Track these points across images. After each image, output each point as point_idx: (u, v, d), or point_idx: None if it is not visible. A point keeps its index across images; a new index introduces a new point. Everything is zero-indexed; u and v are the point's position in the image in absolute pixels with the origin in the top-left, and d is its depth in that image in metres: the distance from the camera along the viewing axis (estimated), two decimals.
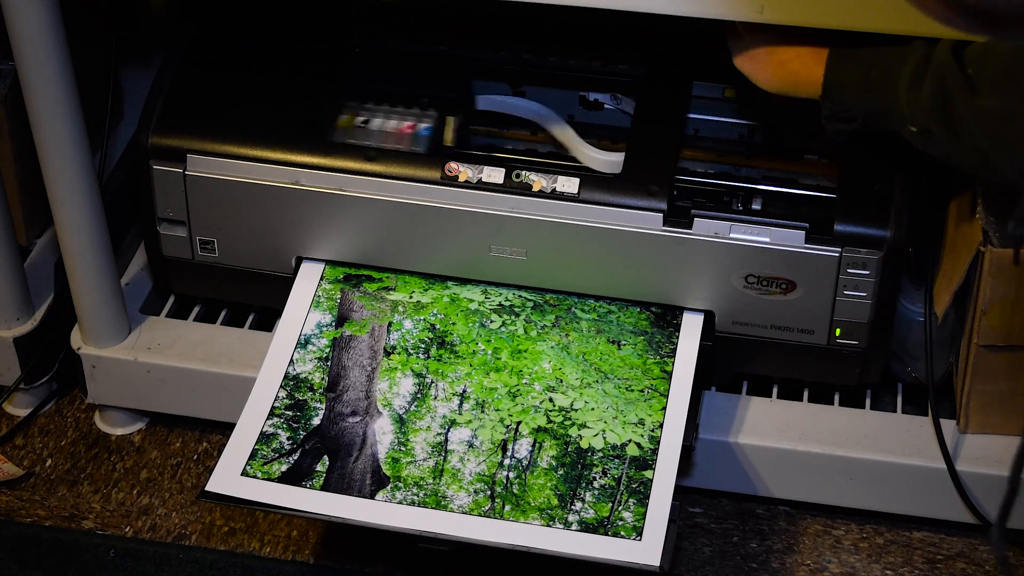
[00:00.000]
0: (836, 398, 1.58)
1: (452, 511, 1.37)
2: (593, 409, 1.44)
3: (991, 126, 1.18)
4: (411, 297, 1.54)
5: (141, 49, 1.92)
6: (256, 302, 1.66)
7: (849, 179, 1.46)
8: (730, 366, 1.56)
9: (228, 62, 1.58)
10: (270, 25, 1.62)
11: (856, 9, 1.27)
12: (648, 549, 1.33)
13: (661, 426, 1.43)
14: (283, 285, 1.57)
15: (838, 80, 1.28)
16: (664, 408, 1.44)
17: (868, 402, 1.58)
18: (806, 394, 1.59)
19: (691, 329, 1.51)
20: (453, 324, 1.51)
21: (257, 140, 1.52)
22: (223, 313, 1.69)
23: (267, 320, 1.68)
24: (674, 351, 1.48)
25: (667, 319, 1.51)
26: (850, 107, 1.28)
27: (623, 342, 1.50)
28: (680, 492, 1.45)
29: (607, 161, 1.49)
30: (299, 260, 1.57)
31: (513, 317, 1.52)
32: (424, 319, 1.52)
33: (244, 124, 1.53)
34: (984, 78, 1.18)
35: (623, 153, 1.48)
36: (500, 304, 1.53)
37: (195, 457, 1.67)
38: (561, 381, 1.47)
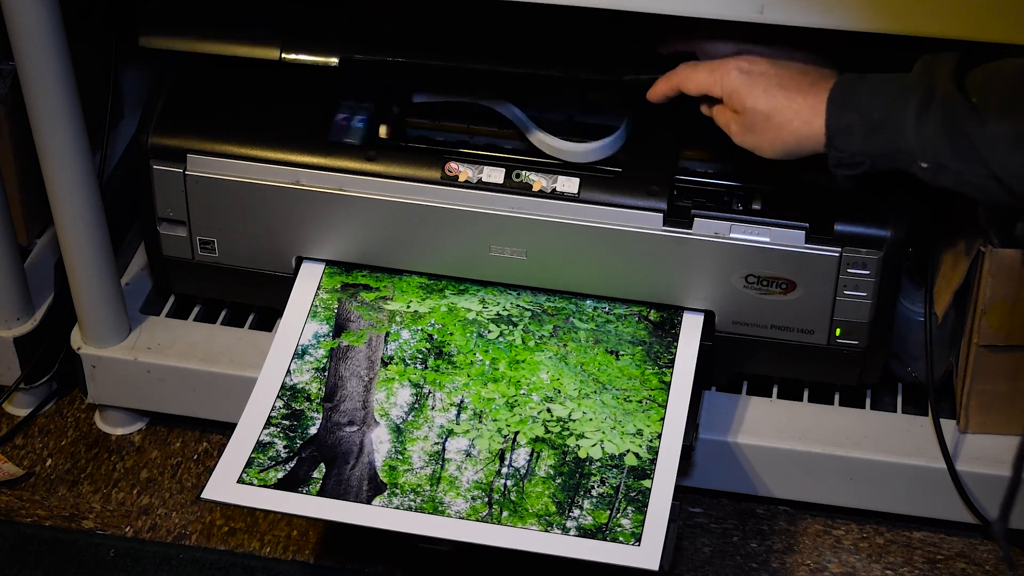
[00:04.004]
0: (836, 398, 1.59)
1: (449, 516, 1.37)
2: (591, 419, 1.44)
3: (1004, 153, 1.17)
4: (408, 307, 1.54)
5: (141, 49, 1.91)
6: (256, 302, 1.66)
7: None
8: (730, 366, 1.56)
9: (228, 62, 1.58)
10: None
11: (856, 8, 1.27)
12: (647, 554, 1.33)
13: (659, 436, 1.43)
14: (283, 285, 1.57)
15: (840, 128, 1.25)
16: (662, 419, 1.44)
17: (868, 402, 1.58)
18: (806, 394, 1.59)
19: (691, 329, 1.51)
20: (451, 334, 1.51)
21: (257, 140, 1.52)
22: (223, 313, 1.69)
23: (267, 320, 1.68)
24: (672, 361, 1.48)
25: (665, 328, 1.51)
26: (856, 152, 1.25)
27: (621, 352, 1.49)
28: (680, 492, 1.45)
29: (573, 151, 1.47)
30: (299, 260, 1.57)
31: (511, 327, 1.52)
32: (422, 329, 1.52)
33: (244, 124, 1.53)
34: (991, 105, 1.17)
35: (594, 143, 1.47)
36: (498, 314, 1.53)
37: (195, 457, 1.68)
38: (559, 391, 1.47)
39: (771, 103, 1.28)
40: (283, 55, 1.50)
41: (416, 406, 1.46)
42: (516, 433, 1.44)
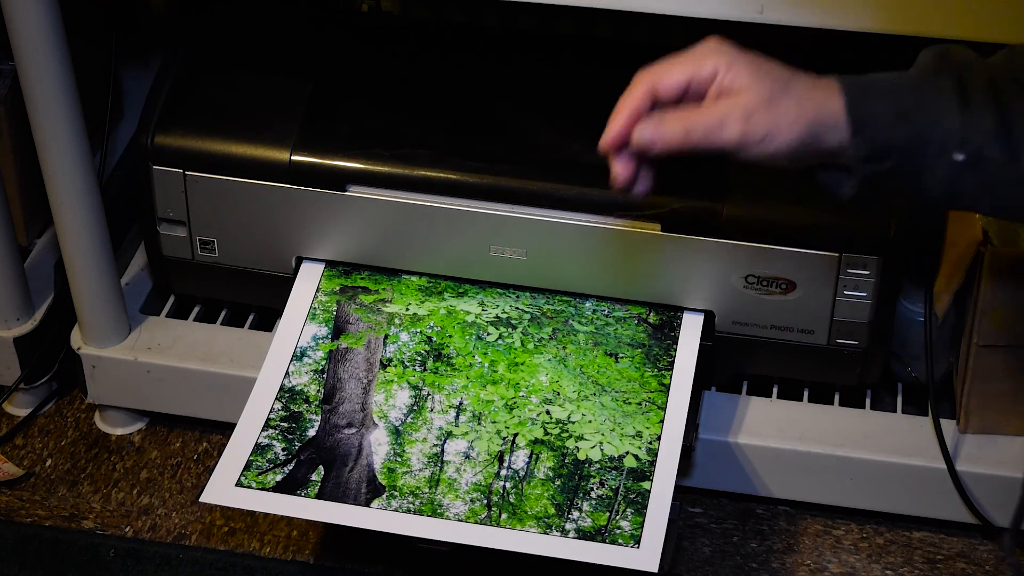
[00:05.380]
0: (836, 398, 1.58)
1: (448, 519, 1.37)
2: (590, 422, 1.44)
3: None
4: (407, 309, 1.53)
5: (141, 49, 1.92)
6: (256, 302, 1.66)
7: None
8: (730, 366, 1.56)
9: (228, 62, 1.58)
10: (270, 23, 1.62)
11: (856, 8, 1.27)
12: (646, 556, 1.34)
13: (659, 438, 1.43)
14: (283, 285, 1.57)
15: (867, 114, 1.07)
16: (662, 421, 1.44)
17: (868, 402, 1.58)
18: (806, 394, 1.59)
19: (691, 329, 1.51)
20: (450, 336, 1.51)
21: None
22: (223, 313, 1.69)
23: (267, 320, 1.68)
24: (672, 363, 1.48)
25: (665, 331, 1.51)
26: (880, 143, 1.07)
27: (621, 354, 1.49)
28: (680, 492, 1.45)
29: None
30: (299, 260, 1.57)
31: (510, 329, 1.52)
32: (421, 331, 1.52)
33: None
34: None
35: None
36: (497, 316, 1.53)
37: (195, 457, 1.68)
38: (558, 394, 1.47)
39: (780, 71, 1.08)
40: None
41: (415, 408, 1.46)
42: (515, 435, 1.44)
